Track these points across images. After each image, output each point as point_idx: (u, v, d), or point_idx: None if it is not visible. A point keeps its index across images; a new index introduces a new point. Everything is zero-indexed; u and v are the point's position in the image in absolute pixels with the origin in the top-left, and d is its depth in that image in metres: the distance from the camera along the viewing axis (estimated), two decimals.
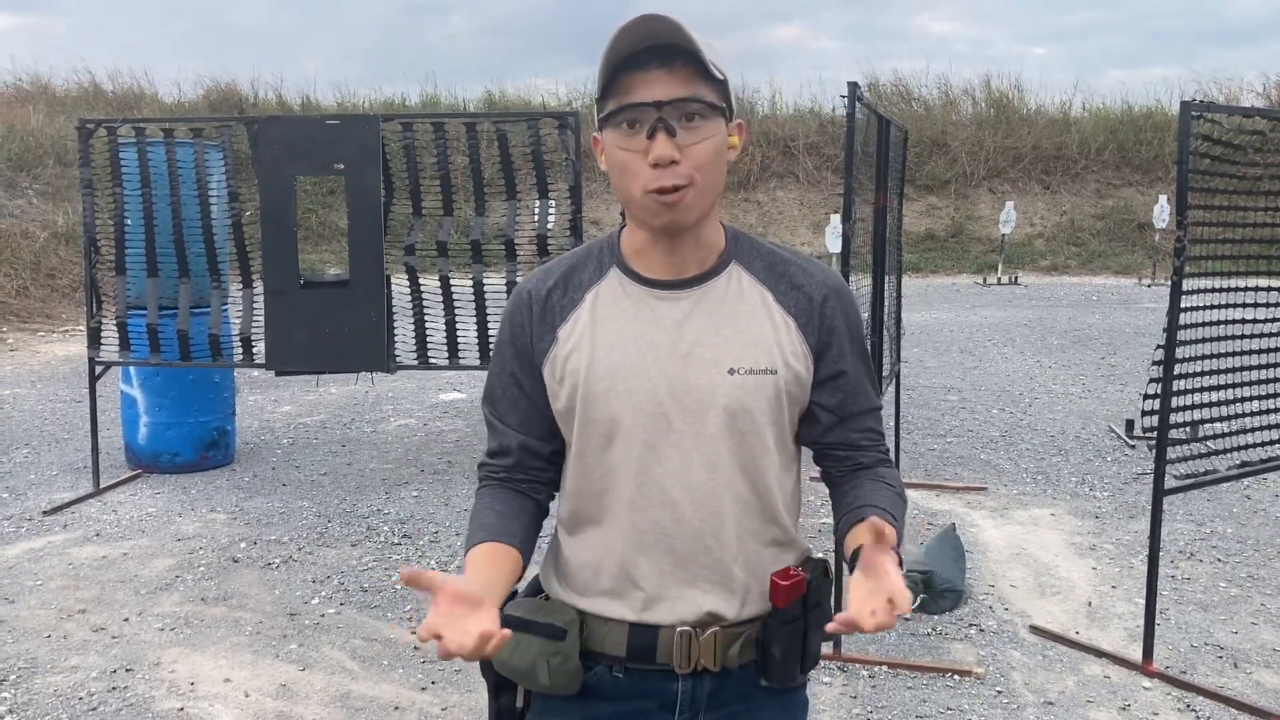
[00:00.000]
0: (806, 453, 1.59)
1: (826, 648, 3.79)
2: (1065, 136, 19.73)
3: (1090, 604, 4.32)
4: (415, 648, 3.91)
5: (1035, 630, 4.04)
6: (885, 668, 3.72)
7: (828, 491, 1.61)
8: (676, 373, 1.42)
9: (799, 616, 1.46)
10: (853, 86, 3.77)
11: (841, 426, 1.53)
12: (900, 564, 1.41)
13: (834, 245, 13.18)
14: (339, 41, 43.10)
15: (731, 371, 1.42)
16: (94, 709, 3.46)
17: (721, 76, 1.38)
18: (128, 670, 3.73)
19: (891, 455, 1.62)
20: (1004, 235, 17.04)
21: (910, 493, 5.74)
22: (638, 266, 1.47)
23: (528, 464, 1.52)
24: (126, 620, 4.17)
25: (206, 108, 19.17)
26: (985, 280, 16.74)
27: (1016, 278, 16.70)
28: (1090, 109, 20.74)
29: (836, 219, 13.29)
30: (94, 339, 5.88)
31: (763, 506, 1.47)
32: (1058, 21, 47.55)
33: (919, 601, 4.19)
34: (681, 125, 1.36)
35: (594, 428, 1.45)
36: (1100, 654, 3.83)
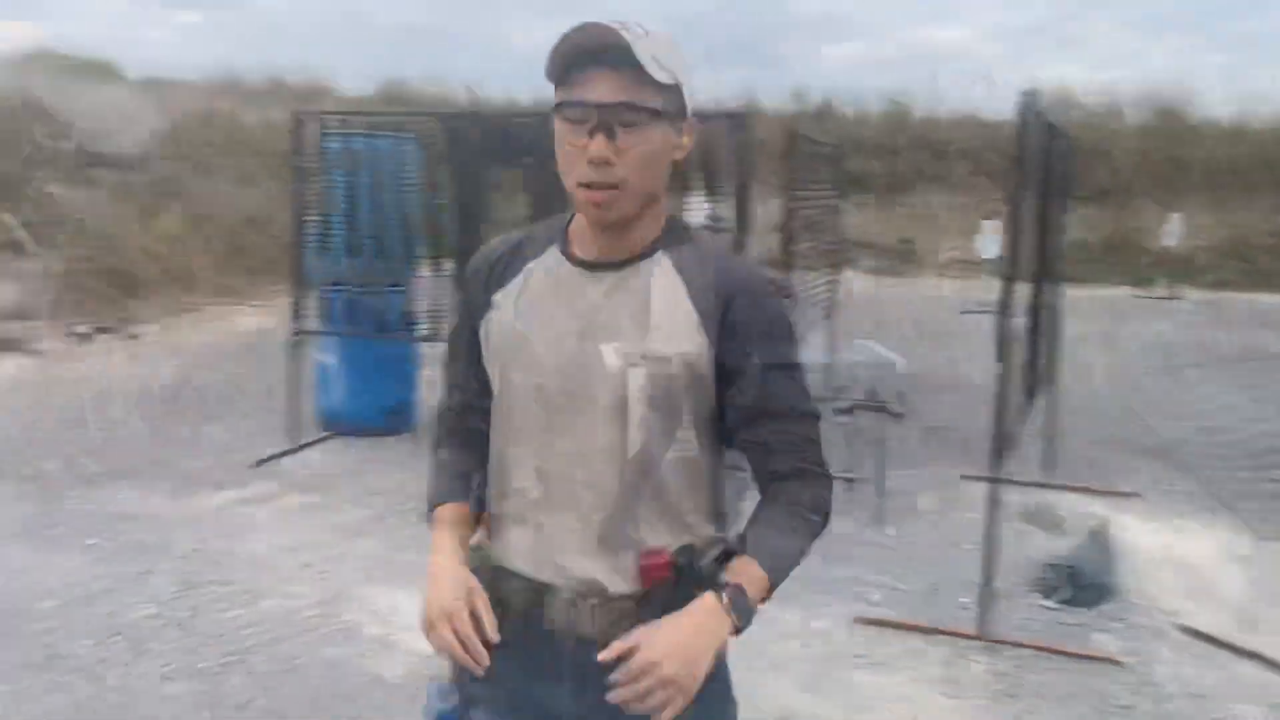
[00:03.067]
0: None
1: (969, 626, 3.96)
2: (1239, 149, 18.89)
3: (1242, 610, 4.35)
4: None
5: (1184, 629, 4.12)
6: (1031, 650, 3.87)
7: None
8: (576, 353, 1.48)
9: (669, 600, 1.44)
10: (1027, 95, 3.92)
11: (754, 425, 1.52)
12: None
13: (987, 251, 13.05)
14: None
15: (627, 357, 1.46)
16: (313, 629, 3.94)
17: (671, 81, 1.41)
18: (337, 600, 4.21)
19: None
20: (1168, 248, 16.48)
21: (1064, 495, 5.78)
22: (575, 247, 1.55)
23: (478, 413, 1.63)
24: (330, 559, 4.66)
25: (383, 102, 20.20)
26: (1148, 293, 16.24)
27: (1181, 292, 16.15)
28: (1271, 122, 19.77)
29: (988, 225, 13.16)
30: (296, 311, 6.48)
31: (655, 490, 1.49)
32: (1237, 28, 45.18)
33: (1067, 594, 4.31)
34: (621, 128, 1.40)
35: (504, 392, 1.55)
36: (1252, 655, 3.88)
